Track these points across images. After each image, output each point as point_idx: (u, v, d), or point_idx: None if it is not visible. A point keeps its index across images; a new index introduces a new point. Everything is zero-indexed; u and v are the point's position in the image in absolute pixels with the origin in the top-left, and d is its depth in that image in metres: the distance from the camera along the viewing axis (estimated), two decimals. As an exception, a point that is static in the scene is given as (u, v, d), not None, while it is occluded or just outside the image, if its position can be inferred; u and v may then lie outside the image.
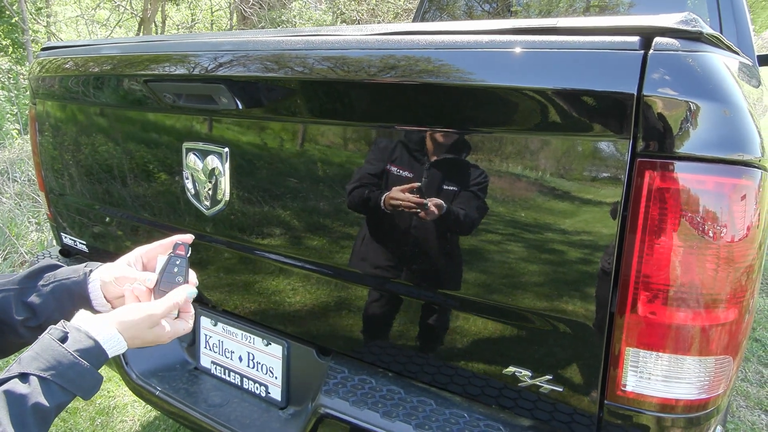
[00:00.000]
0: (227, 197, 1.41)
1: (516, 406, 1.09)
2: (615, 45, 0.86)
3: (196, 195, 1.48)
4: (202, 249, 1.57)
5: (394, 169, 1.12)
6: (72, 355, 0.77)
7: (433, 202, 1.06)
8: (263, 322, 1.47)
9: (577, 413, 1.01)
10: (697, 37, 0.85)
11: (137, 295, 0.95)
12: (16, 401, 0.71)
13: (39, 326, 0.90)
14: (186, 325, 0.95)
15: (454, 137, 1.04)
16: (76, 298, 0.93)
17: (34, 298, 0.90)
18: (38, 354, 0.76)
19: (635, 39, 0.85)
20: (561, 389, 1.01)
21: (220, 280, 1.54)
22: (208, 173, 1.44)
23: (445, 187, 1.05)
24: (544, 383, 1.02)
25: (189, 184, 1.50)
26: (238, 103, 1.28)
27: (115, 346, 0.83)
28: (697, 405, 0.95)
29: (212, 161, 1.42)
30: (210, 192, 1.45)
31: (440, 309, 1.14)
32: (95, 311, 0.93)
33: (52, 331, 0.80)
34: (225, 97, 1.29)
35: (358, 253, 1.23)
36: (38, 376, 0.74)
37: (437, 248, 1.09)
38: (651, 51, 0.83)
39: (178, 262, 0.98)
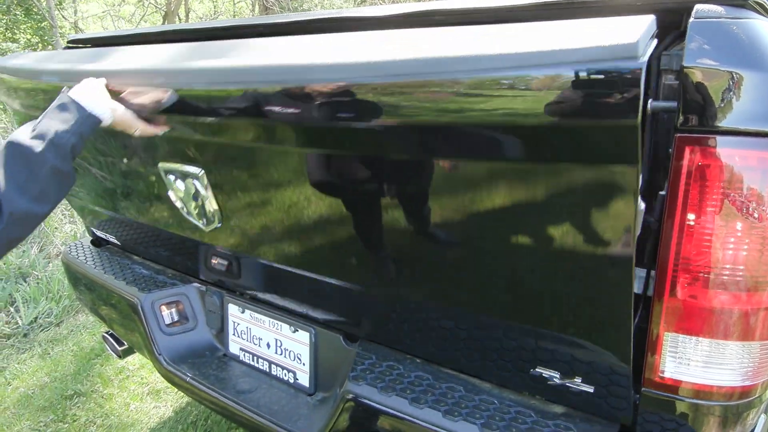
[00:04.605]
0: (220, 216, 1.36)
1: (548, 392, 1.06)
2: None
3: (190, 214, 1.44)
4: (218, 255, 1.56)
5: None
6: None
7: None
8: (290, 308, 1.47)
9: (613, 400, 0.98)
10: (741, 3, 0.80)
11: None
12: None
13: None
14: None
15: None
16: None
17: None
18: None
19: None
20: (597, 375, 0.98)
21: (242, 278, 1.54)
22: (191, 195, 1.37)
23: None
24: (577, 378, 0.99)
25: (179, 204, 1.44)
26: (207, 121, 1.15)
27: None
28: (739, 392, 0.91)
29: (192, 183, 1.34)
30: (200, 212, 1.40)
31: (466, 309, 1.11)
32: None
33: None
34: (190, 116, 1.16)
35: (375, 263, 1.19)
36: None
37: (465, 253, 1.05)
38: (691, 19, 0.78)
39: None
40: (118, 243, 2.01)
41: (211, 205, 1.35)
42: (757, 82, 0.77)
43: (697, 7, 0.79)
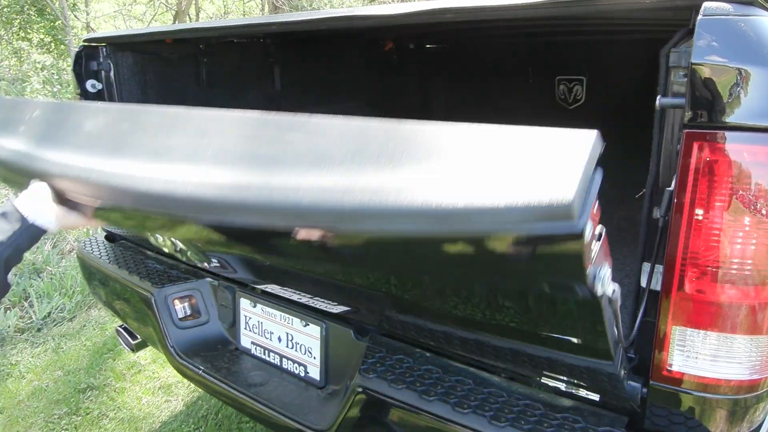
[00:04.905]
0: (209, 259, 1.35)
1: (557, 384, 1.07)
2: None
3: (181, 259, 1.44)
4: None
5: None
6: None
7: None
8: (301, 303, 1.49)
9: (621, 393, 0.99)
10: (749, 0, 0.81)
11: None
12: None
13: None
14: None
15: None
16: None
17: None
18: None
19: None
20: (597, 382, 0.99)
21: (252, 277, 1.55)
22: (174, 248, 1.36)
23: None
24: (582, 391, 0.99)
25: (167, 251, 1.44)
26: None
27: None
28: (747, 386, 0.91)
29: (168, 240, 1.33)
30: (188, 259, 1.39)
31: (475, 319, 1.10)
32: None
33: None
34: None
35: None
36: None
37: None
38: (700, 16, 0.79)
39: None
40: (132, 239, 2.04)
41: (196, 254, 1.33)
42: (765, 78, 0.77)
43: (706, 4, 0.80)
